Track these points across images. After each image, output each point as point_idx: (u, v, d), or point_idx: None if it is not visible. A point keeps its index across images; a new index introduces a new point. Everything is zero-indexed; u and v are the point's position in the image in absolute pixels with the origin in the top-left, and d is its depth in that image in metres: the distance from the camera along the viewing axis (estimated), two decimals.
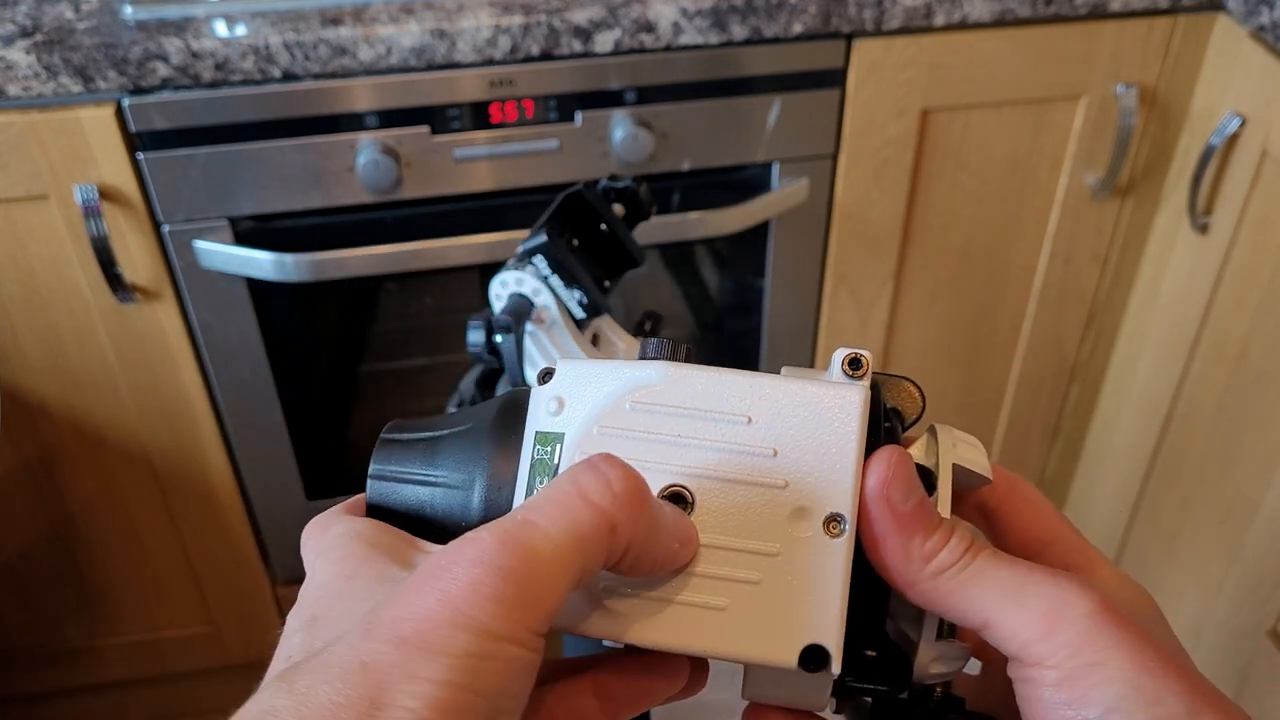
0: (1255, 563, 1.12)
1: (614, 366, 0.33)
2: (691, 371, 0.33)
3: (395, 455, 0.36)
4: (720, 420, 0.32)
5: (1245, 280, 1.11)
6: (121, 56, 0.96)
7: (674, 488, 0.32)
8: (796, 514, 0.32)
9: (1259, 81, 1.05)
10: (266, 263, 1.06)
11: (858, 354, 0.33)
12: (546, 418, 0.33)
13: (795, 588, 0.31)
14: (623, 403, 0.32)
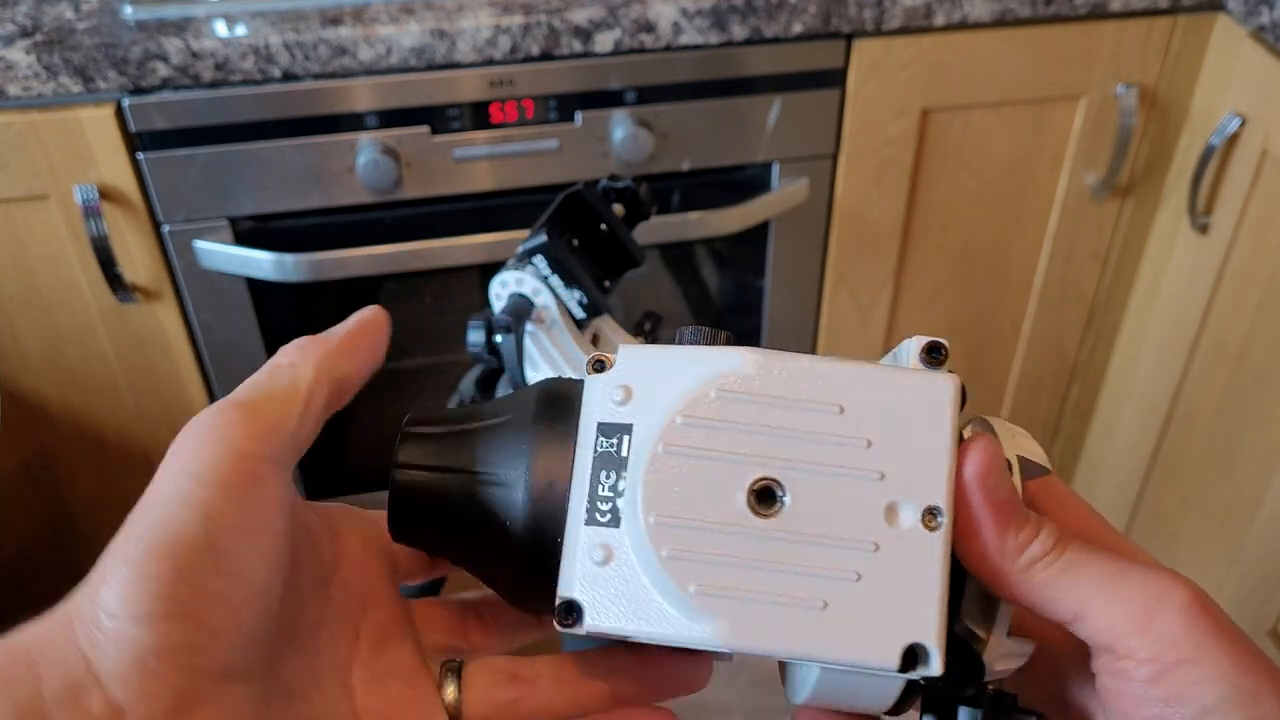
0: (1255, 563, 1.13)
1: (689, 353, 0.32)
2: (779, 359, 0.31)
3: (425, 446, 0.34)
4: (811, 409, 0.31)
5: (1245, 280, 1.11)
6: (121, 56, 0.96)
7: (764, 481, 0.30)
8: (893, 507, 0.30)
9: (1259, 81, 1.05)
10: (266, 263, 1.06)
11: (937, 341, 0.32)
12: (611, 407, 0.31)
13: (894, 584, 0.30)
14: (706, 391, 0.31)
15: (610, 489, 0.31)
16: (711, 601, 0.30)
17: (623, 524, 0.31)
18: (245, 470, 0.29)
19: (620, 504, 0.31)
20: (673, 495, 0.30)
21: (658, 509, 0.30)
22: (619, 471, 0.31)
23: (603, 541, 0.31)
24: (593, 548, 0.31)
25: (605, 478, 0.31)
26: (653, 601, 0.30)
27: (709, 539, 0.30)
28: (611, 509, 0.31)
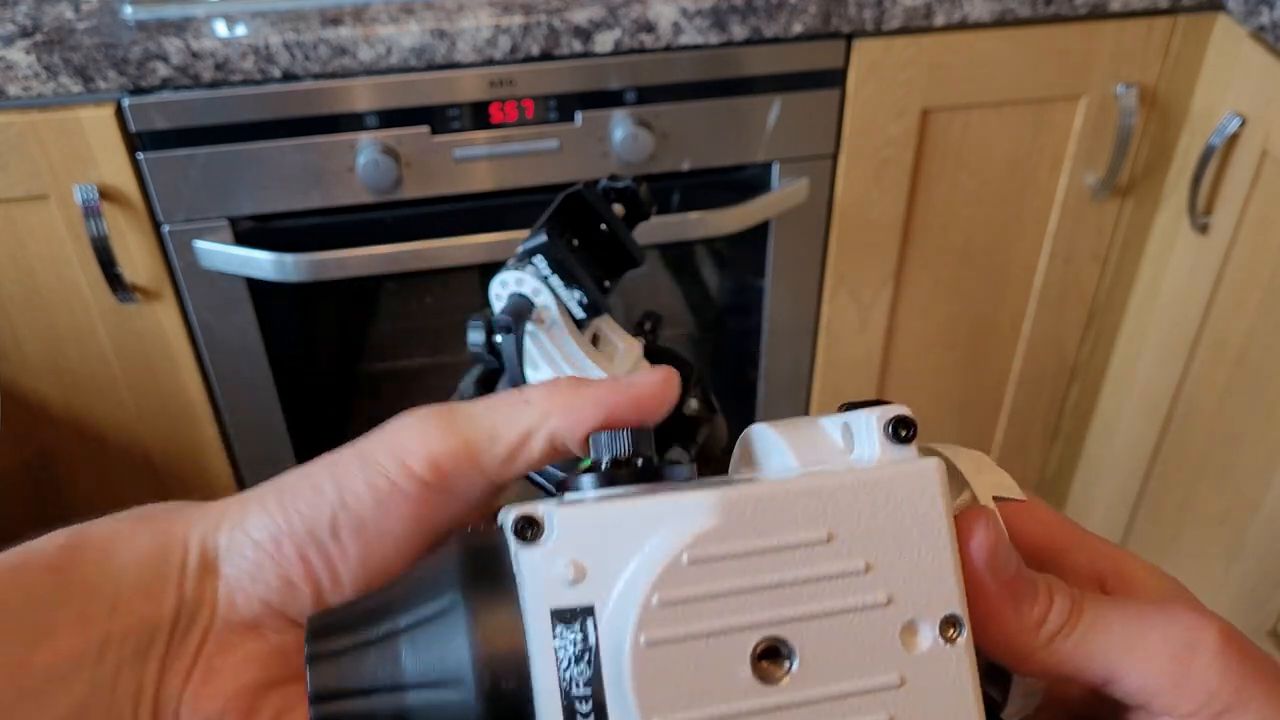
0: (1255, 562, 1.13)
1: (639, 509, 0.27)
2: (741, 495, 0.27)
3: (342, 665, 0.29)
4: (796, 550, 0.27)
5: (1245, 280, 1.11)
6: (121, 56, 0.96)
7: (768, 642, 0.27)
8: (908, 628, 0.28)
9: (1259, 81, 1.05)
10: (266, 263, 1.06)
11: (903, 416, 0.29)
12: (561, 590, 0.27)
13: (930, 712, 0.28)
14: (676, 560, 0.27)
15: (585, 684, 0.27)
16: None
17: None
18: (398, 486, 0.32)
19: (607, 702, 0.27)
20: (670, 693, 0.27)
21: (659, 712, 0.27)
22: (589, 662, 0.27)
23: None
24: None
25: (578, 674, 0.27)
26: None
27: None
28: (594, 708, 0.27)
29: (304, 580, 0.32)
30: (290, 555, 0.31)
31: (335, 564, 0.32)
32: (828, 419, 0.32)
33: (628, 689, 0.26)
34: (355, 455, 0.32)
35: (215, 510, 0.33)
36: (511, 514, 0.28)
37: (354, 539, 0.32)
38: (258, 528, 0.32)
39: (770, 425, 0.33)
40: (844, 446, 0.31)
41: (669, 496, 0.27)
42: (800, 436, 0.31)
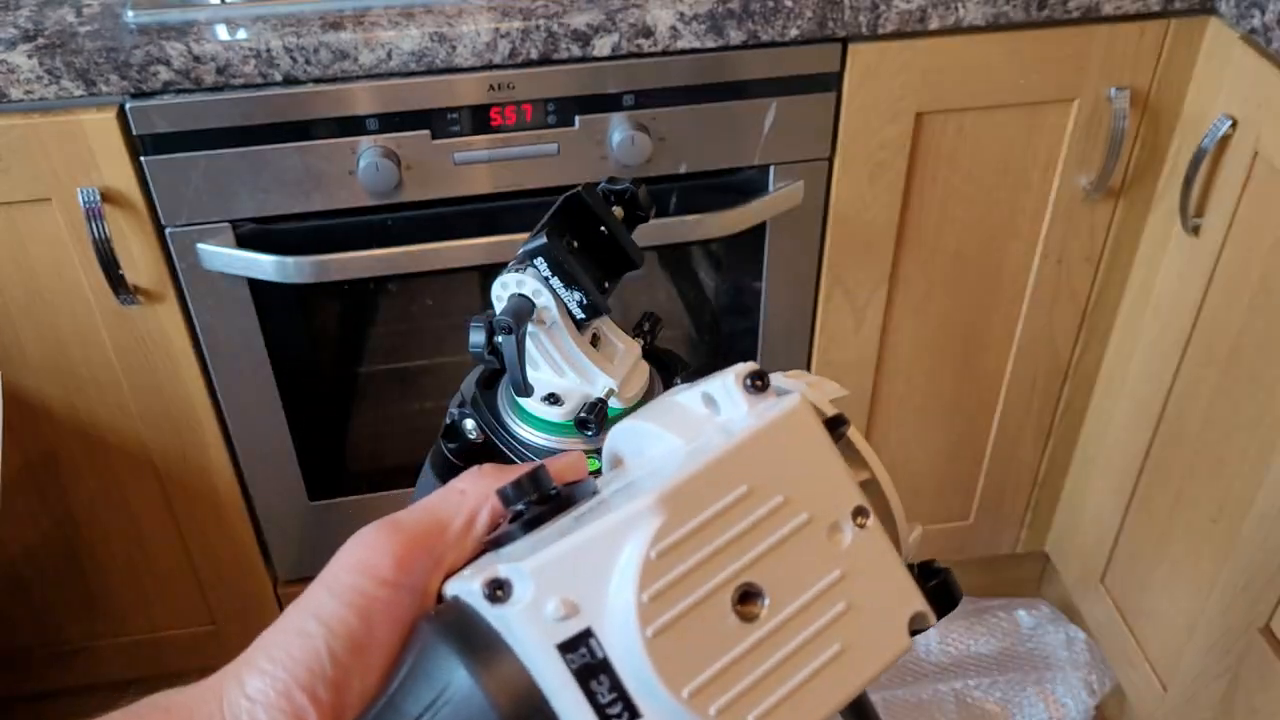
0: (1247, 560, 1.14)
1: (596, 537, 0.31)
2: (676, 488, 0.32)
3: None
4: (730, 512, 0.32)
5: (1236, 281, 1.12)
6: (123, 60, 0.96)
7: (741, 589, 0.32)
8: (832, 529, 0.33)
9: (1250, 84, 1.06)
10: (268, 265, 1.07)
11: (753, 370, 0.35)
12: (555, 626, 0.31)
13: (871, 586, 0.34)
14: (646, 559, 0.31)
15: (609, 690, 0.31)
16: (772, 717, 0.32)
17: (645, 711, 0.31)
18: (376, 596, 0.34)
19: (633, 697, 0.31)
20: (686, 662, 0.31)
21: (685, 683, 0.31)
22: (605, 674, 0.31)
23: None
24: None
25: (598, 684, 0.31)
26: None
27: (737, 673, 0.31)
28: (623, 707, 0.31)
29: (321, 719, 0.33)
30: (302, 701, 0.33)
31: (343, 690, 0.34)
32: (681, 396, 0.38)
33: (651, 677, 0.30)
34: (322, 589, 0.35)
35: (209, 691, 0.34)
36: (475, 582, 0.32)
37: (353, 659, 0.34)
38: (261, 691, 0.33)
39: (635, 419, 0.39)
40: (709, 413, 0.36)
41: (611, 517, 0.31)
42: (672, 419, 0.37)
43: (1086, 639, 1.53)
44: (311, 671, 0.33)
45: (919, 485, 1.47)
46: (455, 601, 0.34)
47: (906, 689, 1.51)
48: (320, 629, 0.34)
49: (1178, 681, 1.29)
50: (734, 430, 0.34)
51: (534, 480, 0.35)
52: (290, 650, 0.34)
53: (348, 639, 0.34)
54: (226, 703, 0.34)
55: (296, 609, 0.35)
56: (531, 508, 0.35)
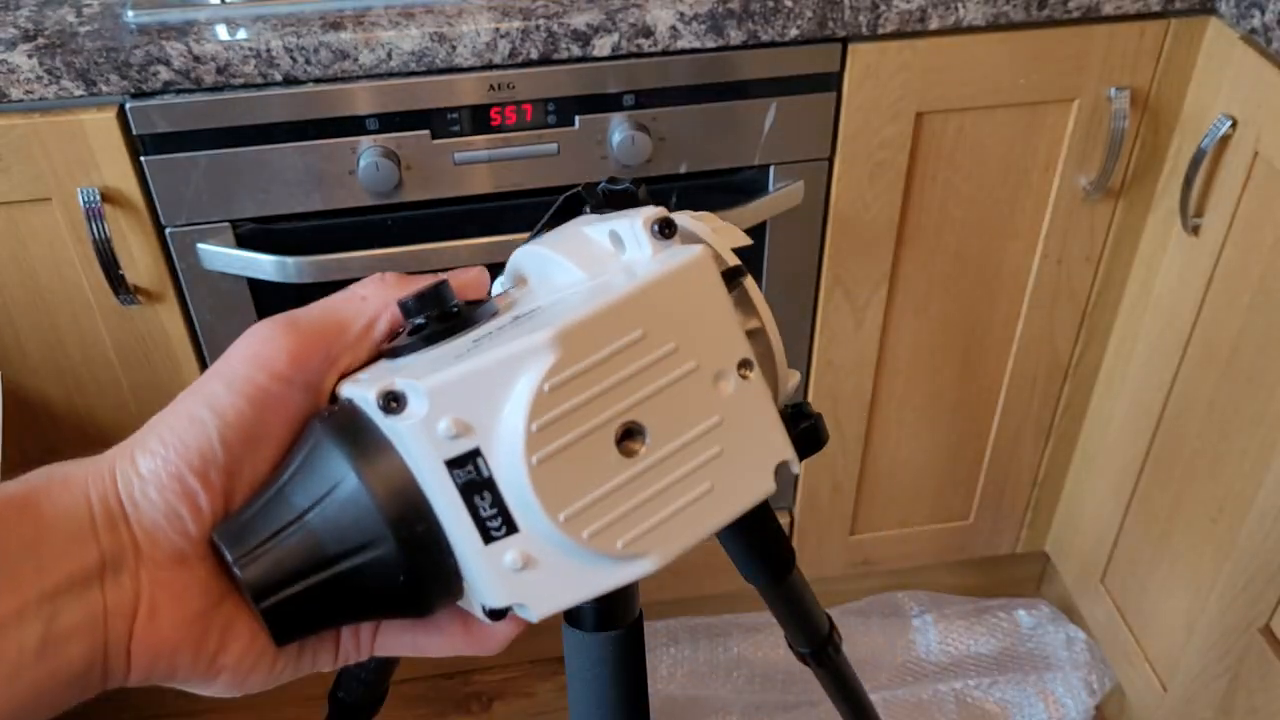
0: (1247, 560, 1.14)
1: (493, 364, 0.33)
2: (573, 327, 0.33)
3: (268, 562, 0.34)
4: (623, 353, 0.34)
5: (1236, 281, 1.12)
6: (123, 60, 0.96)
7: (625, 426, 0.34)
8: (717, 378, 0.35)
9: (1250, 84, 1.06)
10: (268, 265, 1.07)
11: (663, 216, 0.36)
12: (448, 444, 0.33)
13: (746, 434, 0.36)
14: (540, 391, 0.33)
15: (491, 506, 0.33)
16: (638, 544, 0.34)
17: (523, 528, 0.33)
18: (270, 390, 0.35)
19: (513, 514, 0.33)
20: (565, 489, 0.33)
21: (562, 507, 0.33)
22: (489, 490, 0.33)
23: (513, 550, 0.33)
24: (502, 559, 0.33)
25: (480, 500, 0.33)
26: (586, 570, 0.34)
27: (611, 503, 0.34)
28: (502, 522, 0.33)
29: (210, 502, 0.34)
30: (193, 485, 0.34)
31: (234, 477, 0.35)
32: (589, 228, 0.39)
33: (532, 500, 0.33)
34: (217, 378, 0.35)
35: (102, 464, 0.35)
36: (371, 391, 0.33)
37: (244, 449, 0.35)
38: (153, 470, 0.34)
39: (540, 244, 0.40)
40: (614, 250, 0.38)
41: (508, 347, 0.33)
42: (576, 249, 0.38)
43: (1086, 639, 1.53)
44: (204, 456, 0.34)
45: (919, 485, 1.47)
46: (349, 404, 0.35)
47: (906, 689, 1.51)
48: (214, 418, 0.34)
49: (1178, 681, 1.29)
50: (636, 273, 0.36)
51: (436, 295, 0.36)
52: (183, 435, 0.34)
53: (240, 428, 0.34)
54: (119, 479, 0.34)
55: (189, 397, 0.35)
56: (431, 322, 0.36)
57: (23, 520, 0.33)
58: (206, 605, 0.35)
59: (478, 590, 0.35)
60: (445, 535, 0.34)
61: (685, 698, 1.50)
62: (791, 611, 0.81)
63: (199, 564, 0.35)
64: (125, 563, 0.33)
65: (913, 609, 1.60)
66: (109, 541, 0.33)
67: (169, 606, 0.34)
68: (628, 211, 0.38)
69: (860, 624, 1.57)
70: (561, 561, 0.34)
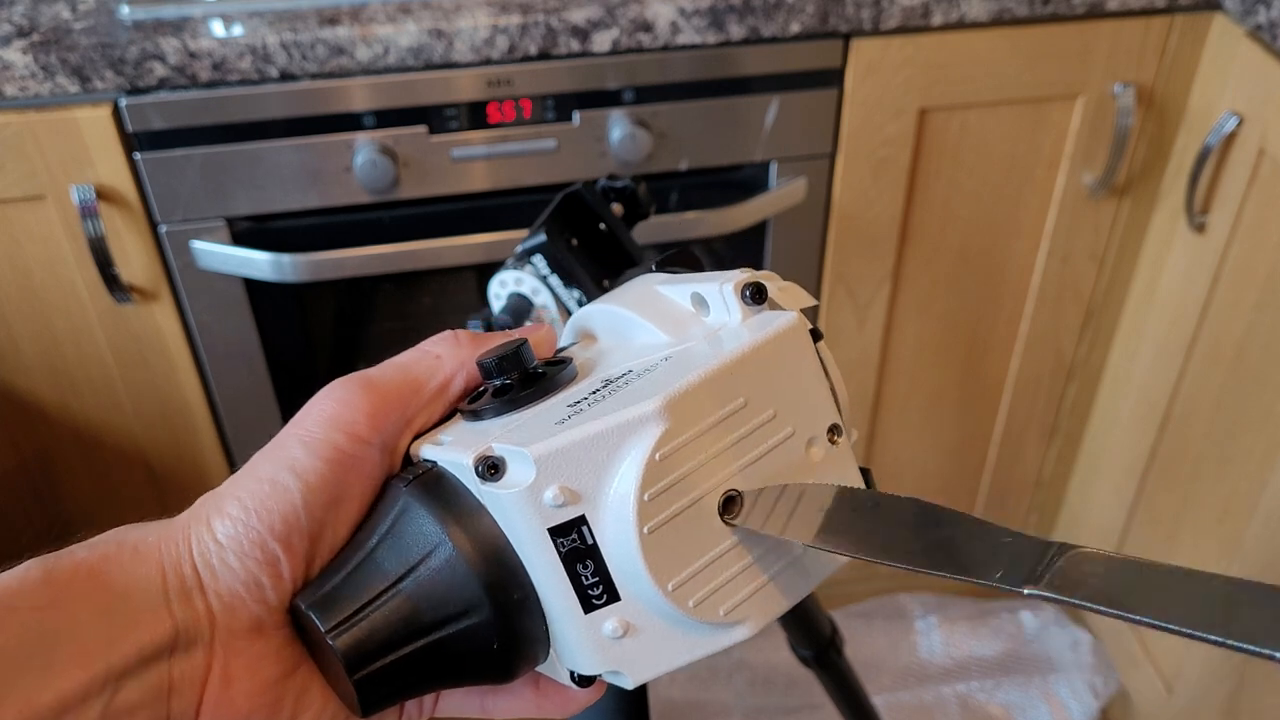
0: (1253, 561, 1.13)
1: (603, 433, 0.32)
2: (682, 395, 0.33)
3: (361, 630, 0.33)
4: (726, 420, 0.34)
5: (1242, 279, 1.11)
6: (118, 56, 0.95)
7: (726, 494, 0.34)
8: (809, 444, 0.35)
9: (1256, 81, 1.05)
10: (264, 263, 1.06)
11: (755, 282, 0.37)
12: (552, 511, 0.32)
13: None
14: (651, 461, 0.32)
15: (593, 575, 0.33)
16: (737, 612, 0.34)
17: (625, 597, 0.33)
18: (350, 452, 0.34)
19: (615, 583, 0.33)
20: (673, 559, 0.33)
21: (670, 577, 0.33)
22: (592, 559, 0.33)
23: (613, 619, 0.33)
24: (601, 627, 0.33)
25: (583, 568, 0.33)
26: (684, 637, 0.34)
27: (715, 572, 0.34)
28: (604, 590, 0.33)
29: (292, 569, 0.34)
30: (276, 551, 0.33)
31: (316, 542, 0.34)
32: (665, 288, 0.39)
33: (641, 569, 0.32)
34: (295, 440, 0.34)
35: (175, 530, 0.34)
36: (466, 456, 0.33)
37: (327, 512, 0.34)
38: (232, 536, 0.33)
39: (616, 304, 0.39)
40: (695, 312, 0.38)
41: (618, 414, 0.32)
42: (657, 311, 0.38)
43: (1091, 641, 1.52)
44: (287, 521, 0.33)
45: (922, 484, 1.46)
46: (434, 468, 0.35)
47: (909, 692, 1.50)
48: (296, 481, 0.33)
49: (1183, 684, 1.28)
50: (723, 337, 0.36)
51: (517, 356, 0.36)
52: (264, 500, 0.33)
53: (323, 492, 0.34)
54: (194, 546, 0.33)
55: (266, 460, 0.34)
56: (515, 385, 0.36)
57: (94, 589, 0.31)
58: (281, 673, 0.34)
59: (569, 656, 0.34)
60: (541, 602, 0.34)
61: (686, 701, 1.49)
62: (794, 614, 0.81)
63: (275, 632, 0.34)
64: (199, 634, 0.32)
65: (916, 611, 1.59)
66: (183, 613, 0.32)
67: (243, 676, 0.33)
68: (711, 275, 0.38)
69: (863, 626, 1.56)
70: (662, 629, 0.34)
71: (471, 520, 0.33)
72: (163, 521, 0.34)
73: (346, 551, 0.35)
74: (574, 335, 0.42)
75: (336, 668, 0.33)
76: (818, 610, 0.83)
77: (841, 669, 0.89)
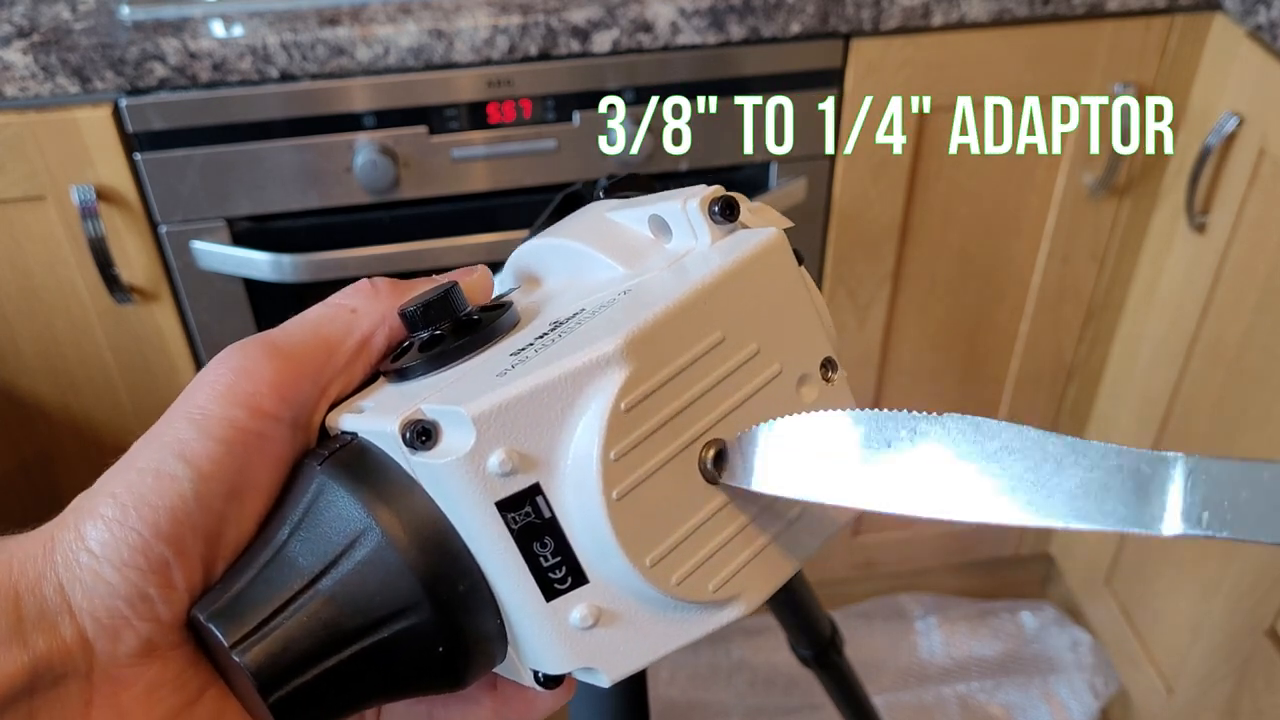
0: (1253, 562, 1.13)
1: (552, 381, 0.27)
2: (645, 332, 0.27)
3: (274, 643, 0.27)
4: (702, 362, 0.28)
5: (1243, 279, 1.11)
6: (118, 57, 0.95)
7: (711, 445, 0.29)
8: (800, 383, 0.30)
9: (1256, 81, 1.05)
10: (264, 263, 1.06)
11: (725, 196, 0.30)
12: (499, 482, 0.27)
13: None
14: (614, 412, 0.27)
15: (553, 554, 0.27)
16: (729, 587, 0.29)
17: (593, 579, 0.28)
18: (253, 430, 0.28)
19: (581, 562, 0.28)
20: (648, 529, 0.27)
21: (647, 551, 0.27)
22: (551, 535, 0.27)
23: (581, 605, 0.28)
24: (567, 616, 0.28)
25: (541, 548, 0.27)
26: (667, 621, 0.29)
27: (700, 541, 0.28)
28: (568, 572, 0.28)
29: (186, 576, 0.28)
30: (165, 555, 0.27)
31: (215, 542, 0.28)
32: (616, 214, 0.33)
33: (611, 543, 0.27)
34: (183, 419, 0.28)
35: (32, 544, 0.28)
36: (390, 423, 0.27)
37: (227, 505, 0.28)
38: (108, 543, 0.27)
39: (560, 237, 0.34)
40: (655, 238, 0.32)
41: (570, 359, 0.27)
42: (608, 240, 0.32)
43: (1091, 641, 1.52)
44: (177, 519, 0.27)
45: None
46: (353, 440, 0.29)
47: (909, 692, 1.50)
48: (186, 469, 0.27)
49: (1183, 684, 1.28)
50: (689, 264, 0.30)
51: (445, 302, 0.30)
52: (146, 494, 0.27)
53: (221, 480, 0.28)
54: (59, 561, 0.27)
55: (148, 447, 0.28)
56: (445, 336, 0.30)
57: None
58: (183, 702, 0.28)
59: (531, 654, 0.29)
60: (493, 592, 0.28)
61: (686, 702, 1.49)
62: (794, 614, 0.81)
63: (172, 653, 0.28)
64: (70, 666, 0.26)
65: (916, 611, 1.59)
66: (44, 645, 0.26)
67: (136, 711, 0.27)
68: (669, 193, 0.32)
69: (863, 626, 1.56)
70: (639, 614, 0.28)
71: (402, 499, 0.28)
72: (20, 535, 0.28)
73: (252, 549, 0.29)
74: (514, 278, 0.37)
75: (248, 688, 0.28)
76: (818, 610, 0.83)
77: (841, 669, 0.89)
